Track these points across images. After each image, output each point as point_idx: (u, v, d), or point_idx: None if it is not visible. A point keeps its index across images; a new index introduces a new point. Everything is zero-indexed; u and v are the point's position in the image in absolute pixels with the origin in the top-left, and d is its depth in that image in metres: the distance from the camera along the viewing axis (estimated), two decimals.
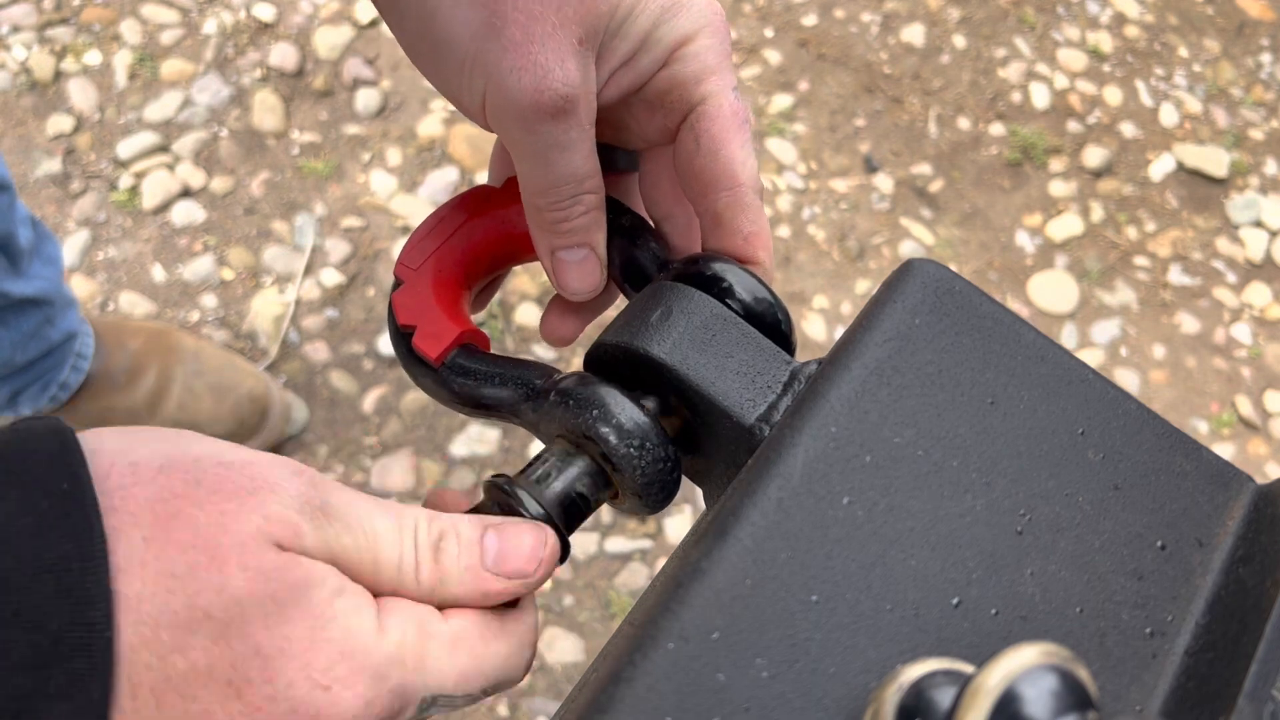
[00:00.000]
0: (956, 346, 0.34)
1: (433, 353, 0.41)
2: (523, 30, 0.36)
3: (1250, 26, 1.68)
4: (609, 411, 0.37)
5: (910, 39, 1.58)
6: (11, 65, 1.38)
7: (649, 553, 1.19)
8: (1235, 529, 0.33)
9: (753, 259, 0.41)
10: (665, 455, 0.37)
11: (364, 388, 1.25)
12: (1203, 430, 1.36)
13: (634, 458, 0.36)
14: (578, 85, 0.37)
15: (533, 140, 0.38)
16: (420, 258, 0.43)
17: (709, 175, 0.40)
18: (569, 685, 1.12)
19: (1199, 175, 1.53)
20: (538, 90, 0.36)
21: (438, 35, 0.37)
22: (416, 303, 0.42)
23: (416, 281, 0.43)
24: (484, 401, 0.41)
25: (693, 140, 0.40)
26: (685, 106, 0.40)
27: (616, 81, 0.39)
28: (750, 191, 0.40)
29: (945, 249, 1.43)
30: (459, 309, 0.43)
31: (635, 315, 0.39)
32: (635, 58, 0.39)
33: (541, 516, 0.36)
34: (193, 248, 1.30)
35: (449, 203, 0.45)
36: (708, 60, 0.39)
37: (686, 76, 0.39)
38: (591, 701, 0.28)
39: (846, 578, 0.30)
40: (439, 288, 0.43)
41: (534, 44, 0.36)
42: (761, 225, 0.41)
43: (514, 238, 0.44)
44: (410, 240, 0.44)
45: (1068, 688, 0.24)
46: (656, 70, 0.39)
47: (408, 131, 1.40)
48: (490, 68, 0.36)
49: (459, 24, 0.36)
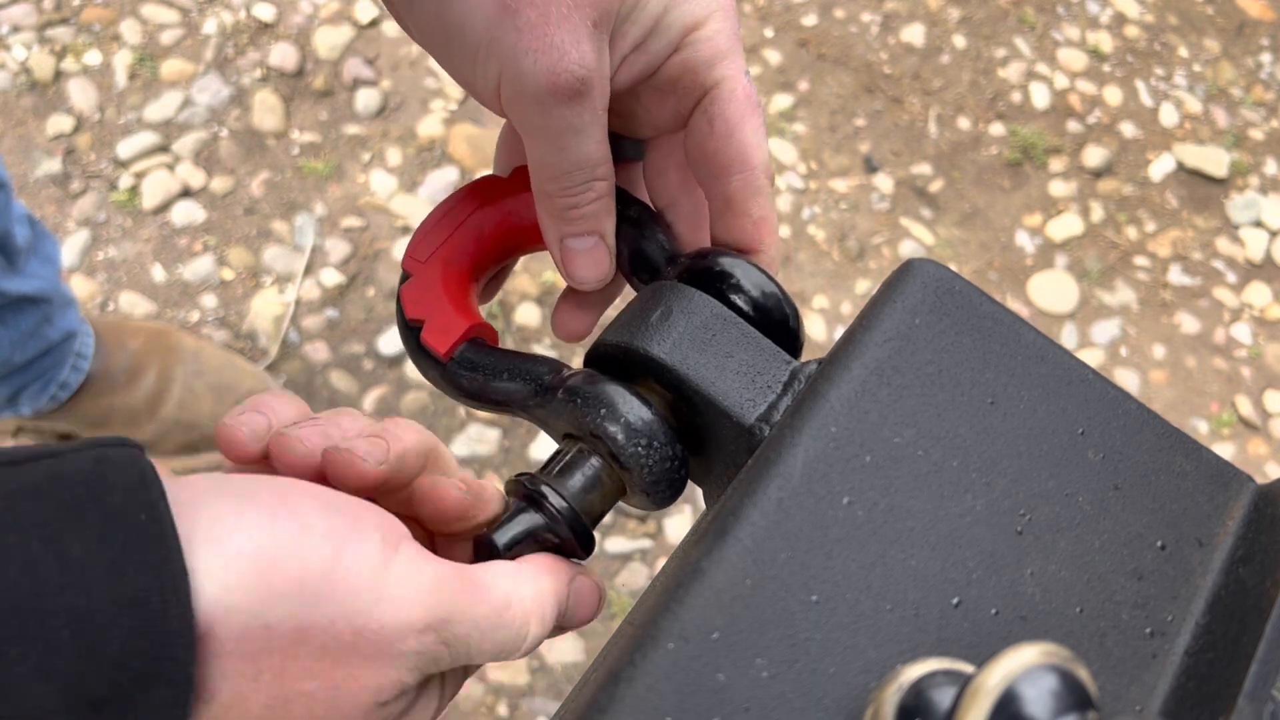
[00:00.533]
0: (956, 346, 0.34)
1: (441, 347, 0.41)
2: (538, 13, 0.35)
3: (1250, 26, 1.67)
4: (617, 410, 0.37)
5: (910, 39, 1.58)
6: (11, 65, 1.38)
7: (649, 553, 1.19)
8: (1235, 529, 0.33)
9: (758, 245, 0.41)
10: (673, 454, 0.37)
11: (364, 388, 1.25)
12: (1203, 430, 1.36)
13: (641, 456, 0.37)
14: (593, 67, 0.36)
15: (547, 123, 0.38)
16: (428, 250, 0.43)
17: (722, 158, 0.40)
18: (569, 685, 1.12)
19: (1199, 175, 1.53)
20: (553, 72, 0.36)
21: (450, 21, 0.37)
22: (425, 296, 0.42)
23: (425, 274, 0.43)
24: (492, 396, 0.41)
25: (706, 124, 0.40)
26: (699, 91, 0.40)
27: (628, 66, 0.39)
28: (763, 175, 0.40)
29: (945, 249, 1.43)
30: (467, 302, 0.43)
31: (635, 315, 0.39)
32: (647, 42, 0.39)
33: (566, 511, 0.37)
34: (193, 248, 1.30)
35: (456, 193, 0.45)
36: (720, 44, 0.39)
37: (699, 61, 0.39)
38: (591, 701, 0.28)
39: (846, 578, 0.30)
40: (447, 280, 0.43)
41: (549, 25, 0.36)
42: (770, 212, 0.41)
43: (522, 227, 0.44)
44: (417, 232, 0.44)
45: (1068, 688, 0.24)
46: (669, 55, 0.39)
47: (408, 131, 1.40)
48: (505, 51, 0.36)
49: (473, 8, 0.36)
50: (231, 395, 1.14)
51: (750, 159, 0.40)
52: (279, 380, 1.23)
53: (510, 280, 1.33)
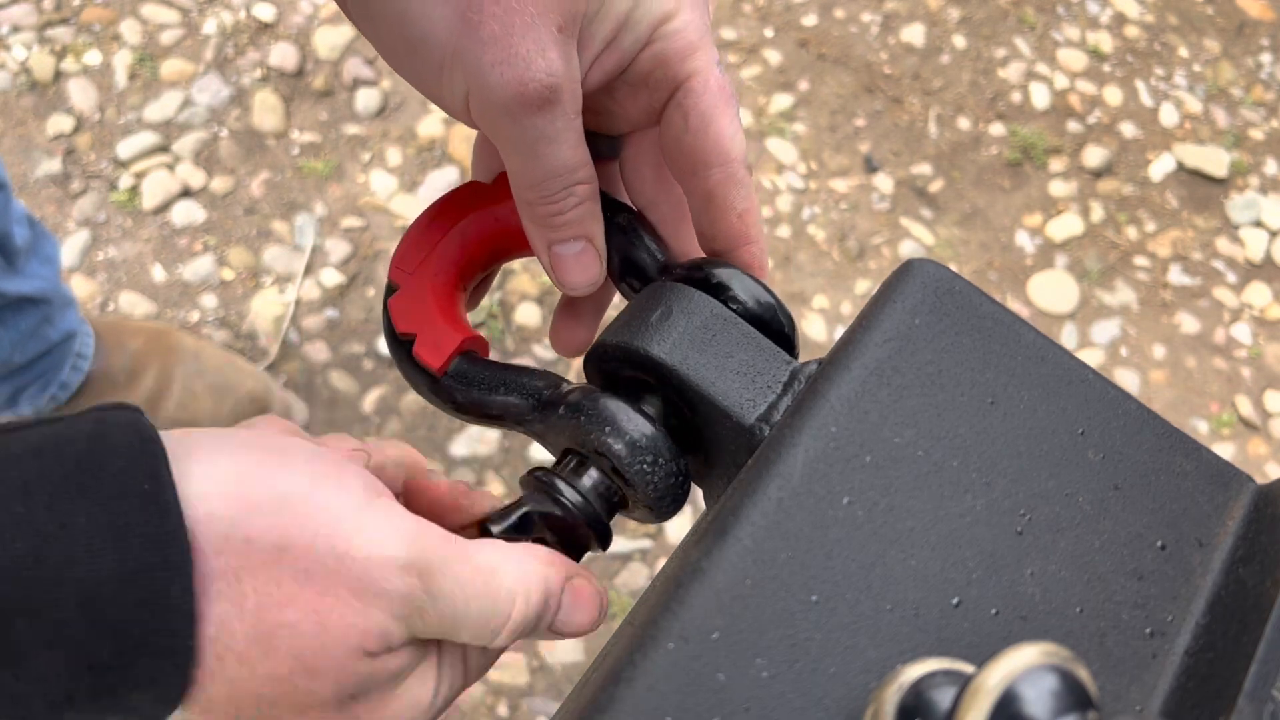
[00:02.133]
0: (956, 346, 0.34)
1: (435, 362, 0.41)
2: (500, 23, 0.35)
3: (1250, 26, 1.67)
4: (621, 428, 0.36)
5: (910, 39, 1.58)
6: (11, 65, 1.38)
7: (649, 553, 1.19)
8: (1235, 529, 0.33)
9: (745, 238, 0.40)
10: (677, 469, 0.37)
11: (364, 388, 1.25)
12: (1203, 430, 1.36)
13: (646, 473, 0.37)
14: (561, 74, 0.36)
15: (519, 134, 0.37)
16: (415, 260, 0.42)
17: (699, 152, 0.39)
18: (569, 685, 1.12)
19: (1199, 175, 1.53)
20: (520, 82, 0.35)
21: (412, 36, 0.36)
22: (415, 309, 0.42)
23: (412, 286, 0.42)
24: (487, 410, 0.41)
25: (681, 118, 0.39)
26: (671, 84, 0.39)
27: (600, 65, 0.38)
28: (741, 167, 0.39)
29: (945, 249, 1.43)
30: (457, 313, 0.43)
31: (635, 315, 0.39)
32: (617, 39, 0.38)
33: (581, 505, 0.37)
34: (193, 248, 1.30)
35: (438, 202, 0.44)
36: (690, 36, 0.38)
37: (670, 53, 0.38)
38: (591, 701, 0.28)
39: (846, 578, 0.30)
40: (436, 291, 0.42)
41: (513, 36, 0.35)
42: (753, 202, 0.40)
43: (508, 233, 0.43)
44: (403, 242, 0.43)
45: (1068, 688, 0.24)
46: (639, 50, 0.39)
47: (408, 131, 1.40)
48: (470, 65, 0.36)
49: (434, 22, 0.36)
50: (231, 395, 1.14)
51: (728, 151, 0.39)
52: (279, 380, 1.23)
53: (510, 280, 1.33)
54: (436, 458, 1.21)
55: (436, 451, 1.22)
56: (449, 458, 1.22)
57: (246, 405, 1.14)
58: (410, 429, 1.23)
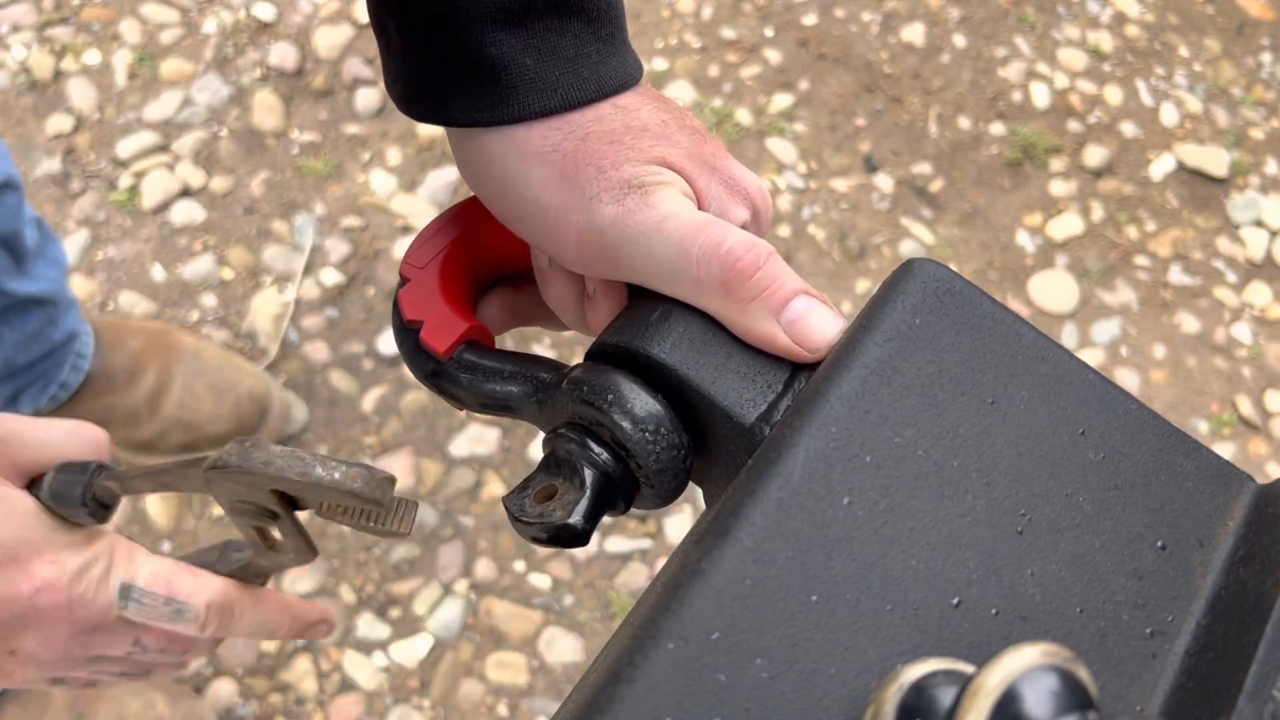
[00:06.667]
0: (957, 346, 0.34)
1: (441, 346, 0.41)
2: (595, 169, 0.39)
3: (1250, 26, 1.67)
4: (624, 398, 0.37)
5: (910, 38, 1.58)
6: (11, 65, 1.38)
7: (649, 553, 1.19)
8: (1235, 529, 0.33)
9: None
10: (679, 441, 0.37)
11: (364, 387, 1.25)
12: (1203, 430, 1.36)
13: (649, 443, 0.37)
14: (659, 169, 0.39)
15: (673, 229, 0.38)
16: (427, 257, 0.43)
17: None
18: (569, 685, 1.12)
19: (1199, 175, 1.53)
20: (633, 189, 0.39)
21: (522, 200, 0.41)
22: (423, 298, 0.42)
23: (423, 279, 0.43)
24: (491, 397, 0.41)
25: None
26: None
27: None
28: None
29: (945, 249, 1.43)
30: (465, 306, 0.43)
31: (635, 315, 0.39)
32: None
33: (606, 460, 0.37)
34: (192, 247, 1.30)
35: (452, 208, 0.45)
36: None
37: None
38: (591, 701, 0.28)
39: (846, 578, 0.30)
40: (445, 284, 0.43)
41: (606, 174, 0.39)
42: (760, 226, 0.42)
43: (520, 243, 0.44)
44: (414, 243, 0.44)
45: (1068, 688, 0.24)
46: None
47: (407, 131, 1.40)
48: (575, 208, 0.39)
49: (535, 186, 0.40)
50: (231, 395, 1.14)
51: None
52: (279, 380, 1.23)
53: None
54: (436, 457, 1.21)
55: (436, 451, 1.22)
56: (448, 457, 1.22)
57: (246, 405, 1.14)
58: (410, 429, 1.23)
